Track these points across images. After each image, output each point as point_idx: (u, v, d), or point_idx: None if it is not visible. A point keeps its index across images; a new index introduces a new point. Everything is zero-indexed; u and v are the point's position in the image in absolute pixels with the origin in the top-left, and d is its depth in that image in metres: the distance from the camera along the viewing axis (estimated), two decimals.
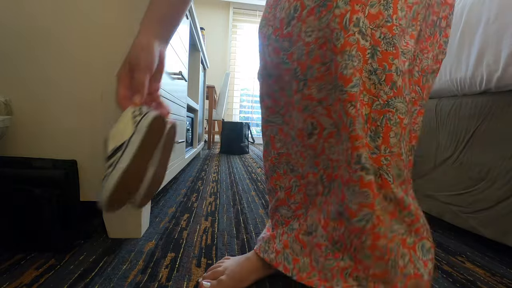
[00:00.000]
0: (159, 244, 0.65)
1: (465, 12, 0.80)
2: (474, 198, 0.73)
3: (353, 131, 0.36)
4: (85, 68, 0.62)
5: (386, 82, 0.36)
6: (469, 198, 0.74)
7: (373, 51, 0.35)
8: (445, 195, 0.82)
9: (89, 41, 0.62)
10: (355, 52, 0.35)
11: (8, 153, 0.61)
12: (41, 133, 0.62)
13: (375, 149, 0.36)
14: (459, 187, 0.78)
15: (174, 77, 0.92)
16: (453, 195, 0.79)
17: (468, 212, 0.74)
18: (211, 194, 1.13)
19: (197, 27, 1.56)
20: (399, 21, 0.36)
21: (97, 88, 0.63)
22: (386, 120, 0.36)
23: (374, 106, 0.36)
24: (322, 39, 0.37)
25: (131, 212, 0.66)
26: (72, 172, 0.61)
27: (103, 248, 0.61)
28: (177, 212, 0.89)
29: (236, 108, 4.25)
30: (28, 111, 0.61)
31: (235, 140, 2.69)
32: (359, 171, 0.37)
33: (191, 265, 0.56)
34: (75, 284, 0.48)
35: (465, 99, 0.80)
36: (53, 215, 0.57)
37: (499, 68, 0.68)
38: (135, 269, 0.54)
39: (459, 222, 0.77)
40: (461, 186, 0.77)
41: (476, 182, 0.73)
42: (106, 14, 0.62)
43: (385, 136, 0.36)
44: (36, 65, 0.61)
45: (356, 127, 0.36)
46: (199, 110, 2.00)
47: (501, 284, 0.55)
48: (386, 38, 0.35)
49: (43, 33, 0.61)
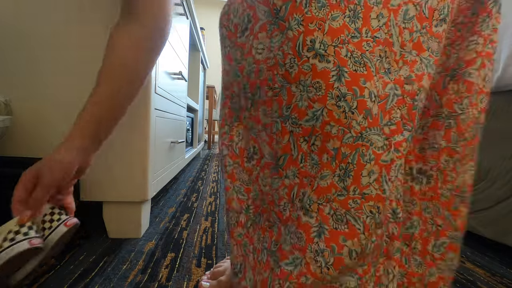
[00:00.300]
0: (159, 244, 0.65)
1: None
2: (474, 198, 0.73)
3: (303, 167, 0.32)
4: (85, 68, 0.62)
5: (358, 110, 0.29)
6: (469, 198, 0.74)
7: (339, 72, 0.29)
8: None
9: (89, 41, 0.62)
10: (310, 81, 0.30)
11: (8, 153, 0.61)
12: (41, 133, 0.62)
13: (343, 190, 0.30)
14: None
15: (174, 77, 0.92)
16: None
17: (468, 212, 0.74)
18: (211, 194, 1.13)
19: (197, 27, 1.56)
20: (373, 34, 0.30)
21: None
22: (358, 156, 0.30)
23: (345, 139, 0.30)
24: (272, 61, 0.33)
25: (131, 212, 0.66)
26: None
27: (103, 248, 0.61)
28: (177, 212, 0.89)
29: None
30: (28, 111, 0.61)
31: None
32: (299, 210, 0.33)
33: (191, 265, 0.56)
34: (75, 284, 0.48)
35: None
36: None
37: (499, 68, 0.68)
38: (135, 269, 0.54)
39: None
40: None
41: (476, 182, 0.73)
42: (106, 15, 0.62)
43: (356, 175, 0.30)
44: (36, 65, 0.61)
45: (307, 164, 0.32)
46: (199, 110, 2.00)
47: (501, 284, 0.55)
48: (354, 56, 0.29)
49: (43, 33, 0.61)
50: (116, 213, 0.66)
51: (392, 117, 0.31)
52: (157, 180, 0.74)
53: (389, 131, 0.30)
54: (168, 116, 0.87)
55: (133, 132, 0.64)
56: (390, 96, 0.30)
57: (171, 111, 0.91)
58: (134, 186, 0.65)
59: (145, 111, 0.64)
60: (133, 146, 0.64)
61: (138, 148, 0.64)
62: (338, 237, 0.30)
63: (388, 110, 0.30)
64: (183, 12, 1.05)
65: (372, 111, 0.30)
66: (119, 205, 0.65)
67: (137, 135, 0.64)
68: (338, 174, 0.31)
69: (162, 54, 0.74)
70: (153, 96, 0.67)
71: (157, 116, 0.72)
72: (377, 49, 0.30)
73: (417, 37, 0.31)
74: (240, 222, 0.41)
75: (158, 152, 0.74)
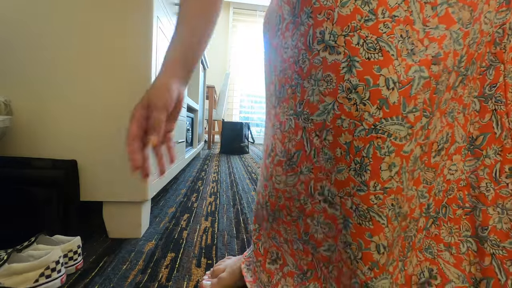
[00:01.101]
0: (159, 244, 0.65)
1: None
2: None
3: (317, 162, 0.33)
4: (85, 68, 0.62)
5: (371, 101, 0.28)
6: None
7: (349, 63, 0.28)
8: None
9: (89, 41, 0.62)
10: (321, 74, 0.30)
11: (8, 153, 0.61)
12: (41, 133, 0.62)
13: (362, 185, 0.29)
14: None
15: None
16: None
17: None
18: (211, 194, 1.13)
19: None
20: (391, 13, 0.27)
21: (97, 88, 0.63)
22: (374, 149, 0.28)
23: (357, 133, 0.29)
24: (292, 59, 0.33)
25: (131, 212, 0.66)
26: (72, 172, 0.61)
27: (103, 248, 0.61)
28: (177, 212, 0.89)
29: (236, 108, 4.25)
30: (28, 111, 0.61)
31: (235, 140, 2.69)
32: (322, 203, 0.34)
33: (191, 265, 0.56)
34: (75, 284, 0.48)
35: None
36: (53, 215, 0.57)
37: None
38: (135, 269, 0.54)
39: None
40: None
41: None
42: (106, 15, 0.62)
43: (374, 170, 0.29)
44: (36, 65, 0.61)
45: (320, 158, 0.32)
46: (199, 110, 2.00)
47: None
48: (367, 42, 0.27)
49: (43, 33, 0.61)
50: (116, 213, 0.66)
51: (418, 102, 0.28)
52: (157, 180, 0.74)
53: (413, 119, 0.28)
54: None
55: None
56: (415, 80, 0.27)
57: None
58: (134, 186, 0.65)
59: None
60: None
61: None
62: (364, 233, 0.30)
63: (413, 96, 0.28)
64: None
65: (390, 100, 0.27)
66: (119, 205, 0.65)
67: None
68: (354, 168, 0.30)
69: (162, 54, 0.74)
70: None
71: None
72: (397, 28, 0.27)
73: (444, 9, 0.28)
74: (265, 217, 0.44)
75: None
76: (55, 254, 0.45)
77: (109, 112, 0.63)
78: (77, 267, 0.52)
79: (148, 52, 0.64)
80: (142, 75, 0.64)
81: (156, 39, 0.68)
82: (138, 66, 0.64)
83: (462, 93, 0.32)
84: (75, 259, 0.51)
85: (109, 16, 0.62)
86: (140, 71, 0.64)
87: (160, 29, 0.71)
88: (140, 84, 0.64)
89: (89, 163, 0.63)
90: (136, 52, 0.63)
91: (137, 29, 0.63)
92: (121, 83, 0.63)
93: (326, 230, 0.35)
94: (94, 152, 0.63)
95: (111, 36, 0.63)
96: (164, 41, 0.76)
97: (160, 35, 0.72)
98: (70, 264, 0.51)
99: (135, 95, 0.63)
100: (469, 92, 0.33)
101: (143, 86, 0.64)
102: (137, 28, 0.63)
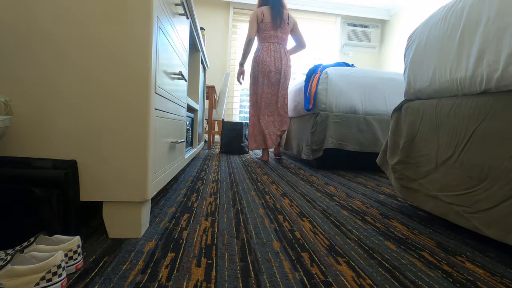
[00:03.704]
0: (159, 244, 0.65)
1: (465, 12, 0.80)
2: (477, 198, 0.73)
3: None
4: (85, 68, 0.62)
5: None
6: (472, 198, 0.74)
7: None
8: (448, 195, 0.82)
9: (89, 41, 0.62)
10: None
11: (8, 153, 0.61)
12: (41, 133, 0.62)
13: None
14: (461, 187, 0.78)
15: (174, 77, 0.92)
16: (456, 195, 0.79)
17: (471, 212, 0.74)
18: (211, 194, 1.13)
19: (197, 27, 1.56)
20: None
21: (97, 88, 0.63)
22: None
23: None
24: None
25: (131, 212, 0.66)
26: (72, 172, 0.61)
27: (103, 248, 0.61)
28: (177, 212, 0.89)
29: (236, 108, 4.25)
30: (28, 111, 0.61)
31: (235, 140, 2.69)
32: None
33: (191, 265, 0.56)
34: (75, 284, 0.48)
35: (465, 99, 0.80)
36: (53, 215, 0.57)
37: (499, 68, 0.68)
38: (135, 269, 0.54)
39: (462, 222, 0.77)
40: (463, 187, 0.77)
41: (478, 182, 0.73)
42: (106, 15, 0.62)
43: None
44: (36, 65, 0.61)
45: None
46: (199, 110, 2.00)
47: (501, 284, 0.55)
48: None
49: (43, 33, 0.61)
50: (116, 213, 0.66)
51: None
52: (157, 180, 0.74)
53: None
54: (168, 116, 0.87)
55: (133, 132, 0.64)
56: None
57: (171, 111, 0.91)
58: (134, 186, 0.65)
59: (145, 111, 0.64)
60: (133, 145, 0.64)
61: (138, 148, 0.64)
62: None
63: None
64: (183, 12, 1.05)
65: None
66: (119, 205, 0.65)
67: (137, 135, 0.64)
68: None
69: (162, 55, 0.74)
70: (153, 96, 0.67)
71: (157, 116, 0.72)
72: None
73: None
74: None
75: (158, 152, 0.74)
76: (58, 257, 0.45)
77: (109, 112, 0.63)
78: (77, 266, 0.52)
79: (148, 53, 0.64)
80: (142, 75, 0.64)
81: (156, 39, 0.68)
82: (138, 67, 0.64)
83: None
84: (75, 259, 0.51)
85: (109, 16, 0.62)
86: (140, 72, 0.64)
87: (160, 29, 0.71)
88: (140, 84, 0.64)
89: (89, 163, 0.63)
90: (136, 52, 0.63)
91: (137, 29, 0.63)
92: (121, 83, 0.63)
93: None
94: (94, 152, 0.63)
95: (111, 36, 0.62)
96: (164, 41, 0.76)
97: (160, 35, 0.72)
98: (70, 264, 0.51)
99: (136, 95, 0.63)
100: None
101: (143, 87, 0.64)
102: (137, 28, 0.63)
